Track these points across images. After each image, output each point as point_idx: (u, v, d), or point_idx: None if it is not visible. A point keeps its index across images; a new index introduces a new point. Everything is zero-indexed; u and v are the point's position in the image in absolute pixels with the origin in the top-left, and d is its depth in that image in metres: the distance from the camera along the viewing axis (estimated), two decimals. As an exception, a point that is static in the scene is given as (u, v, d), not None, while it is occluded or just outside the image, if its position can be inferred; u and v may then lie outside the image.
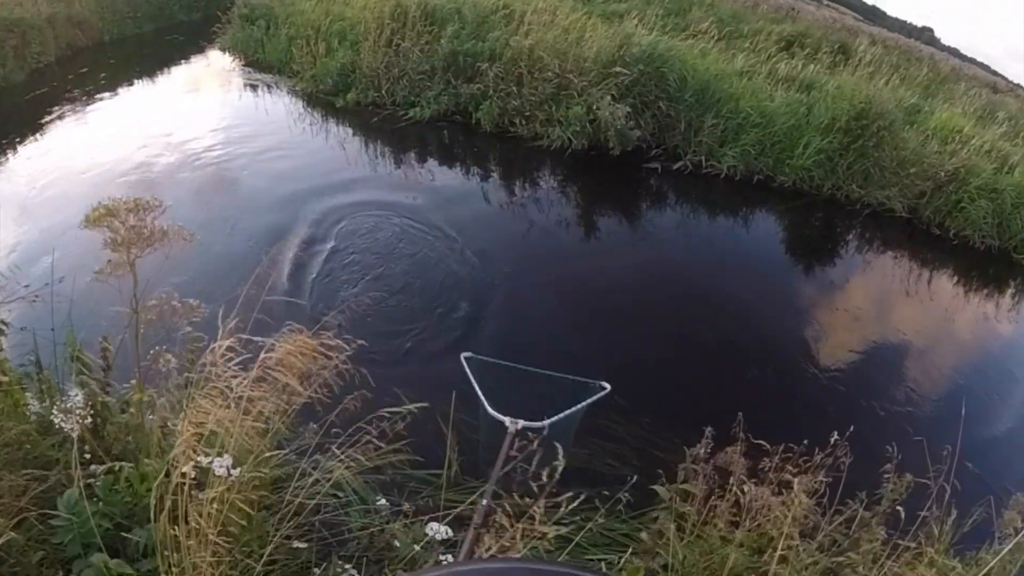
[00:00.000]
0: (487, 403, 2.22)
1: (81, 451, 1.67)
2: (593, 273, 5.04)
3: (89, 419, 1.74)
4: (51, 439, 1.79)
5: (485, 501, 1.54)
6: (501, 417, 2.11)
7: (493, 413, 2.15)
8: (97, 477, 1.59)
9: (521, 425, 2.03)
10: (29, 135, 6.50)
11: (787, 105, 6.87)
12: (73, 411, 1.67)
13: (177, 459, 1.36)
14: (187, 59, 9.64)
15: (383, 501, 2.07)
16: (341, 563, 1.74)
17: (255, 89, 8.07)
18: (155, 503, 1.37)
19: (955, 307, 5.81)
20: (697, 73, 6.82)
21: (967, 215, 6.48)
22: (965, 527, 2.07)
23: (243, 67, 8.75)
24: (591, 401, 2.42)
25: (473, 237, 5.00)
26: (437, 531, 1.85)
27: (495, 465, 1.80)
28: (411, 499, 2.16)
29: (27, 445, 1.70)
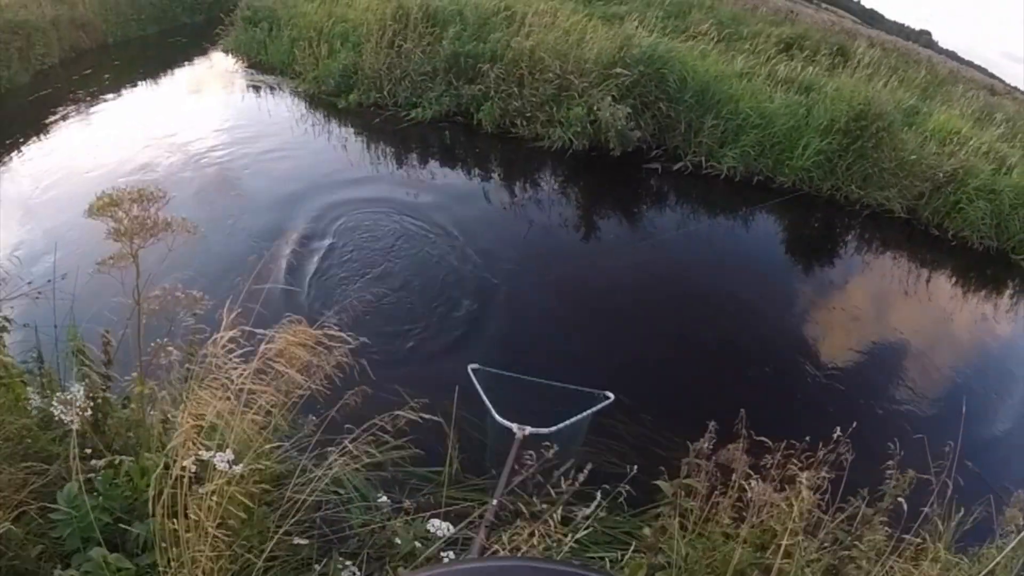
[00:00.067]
0: (494, 412, 2.28)
1: (82, 446, 1.66)
2: (594, 273, 5.06)
3: (89, 412, 1.72)
4: (51, 433, 1.78)
5: (495, 501, 1.59)
6: (509, 424, 2.17)
7: (501, 420, 2.21)
8: (98, 472, 1.58)
9: (528, 432, 2.10)
10: (33, 136, 6.53)
11: (786, 106, 6.91)
12: (73, 403, 1.65)
13: (176, 451, 1.35)
14: (190, 61, 9.68)
15: (384, 498, 2.06)
16: (342, 560, 1.73)
17: (258, 90, 8.11)
18: (153, 495, 1.36)
19: (954, 307, 5.83)
20: (697, 74, 6.86)
21: (965, 216, 6.51)
22: (966, 524, 2.08)
23: (246, 69, 8.79)
24: (595, 410, 2.47)
25: (474, 237, 5.02)
26: (439, 528, 1.87)
27: (504, 468, 1.85)
28: (412, 496, 2.14)
29: (28, 439, 1.69)
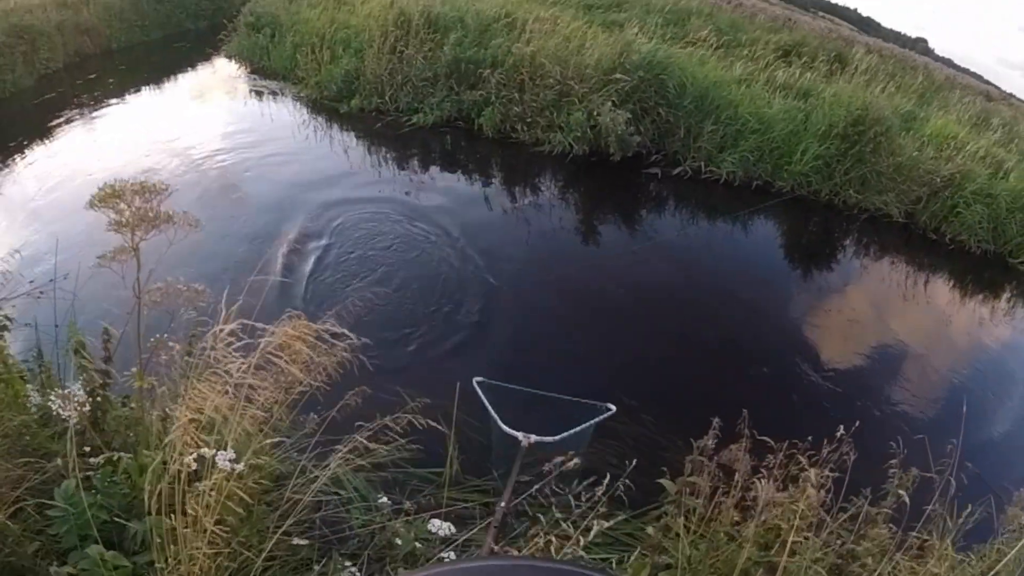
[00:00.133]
0: (500, 421, 2.35)
1: (81, 443, 1.64)
2: (594, 275, 5.09)
3: (88, 407, 1.69)
4: (50, 430, 1.77)
5: (503, 503, 1.63)
6: (514, 432, 2.24)
7: (507, 429, 2.28)
8: (96, 469, 1.57)
9: (534, 440, 2.18)
10: (37, 139, 6.58)
11: (785, 112, 6.97)
12: (71, 398, 1.63)
13: (173, 444, 1.34)
14: (194, 66, 9.75)
15: (384, 499, 2.08)
16: (341, 560, 1.74)
17: (260, 95, 8.17)
18: (149, 488, 1.34)
19: (951, 310, 5.87)
20: (696, 80, 6.92)
21: (963, 220, 6.55)
22: (968, 524, 2.08)
23: (249, 74, 8.86)
24: (597, 421, 2.54)
25: (476, 240, 5.05)
26: (440, 527, 1.90)
27: (510, 473, 1.92)
28: (412, 497, 2.17)
29: (27, 436, 1.69)
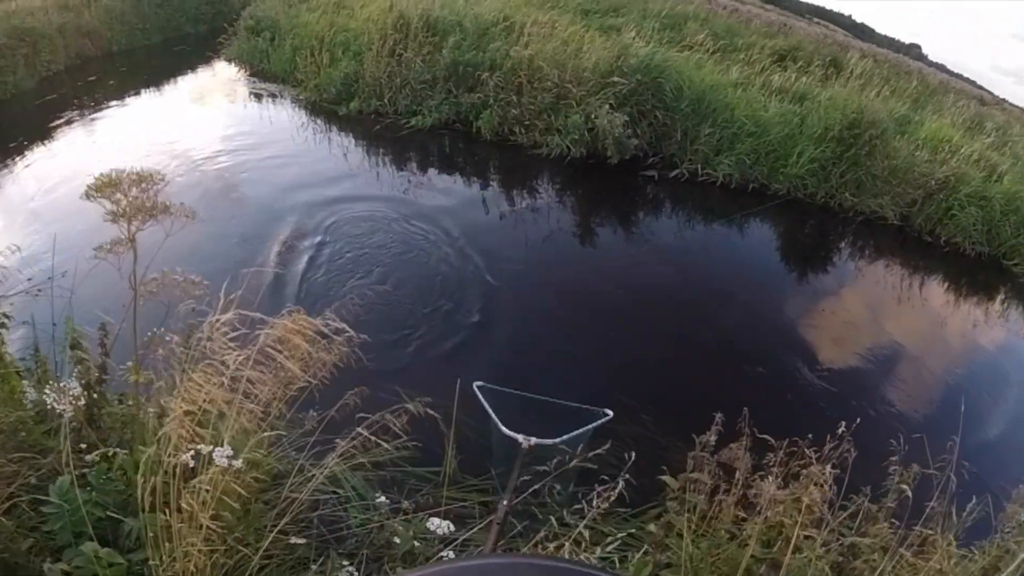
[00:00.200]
0: (500, 424, 2.38)
1: (76, 441, 1.63)
2: (593, 276, 5.12)
3: (83, 401, 1.67)
4: (46, 426, 1.75)
5: (505, 502, 1.67)
6: (515, 435, 2.27)
7: (508, 432, 2.31)
8: (92, 467, 1.55)
9: (534, 442, 2.21)
10: (37, 139, 6.60)
11: (781, 115, 7.03)
12: (66, 391, 1.59)
13: (168, 436, 1.32)
14: (194, 69, 9.79)
15: (382, 498, 2.07)
16: (339, 559, 1.74)
17: (260, 98, 8.21)
18: (142, 483, 1.32)
19: (947, 312, 5.90)
20: (693, 83, 6.98)
21: (957, 222, 6.61)
22: (967, 523, 2.09)
23: (248, 77, 8.90)
24: (595, 426, 2.57)
25: (474, 241, 5.07)
26: (439, 526, 1.90)
27: (511, 474, 1.94)
28: (410, 496, 2.17)
29: (22, 433, 1.67)
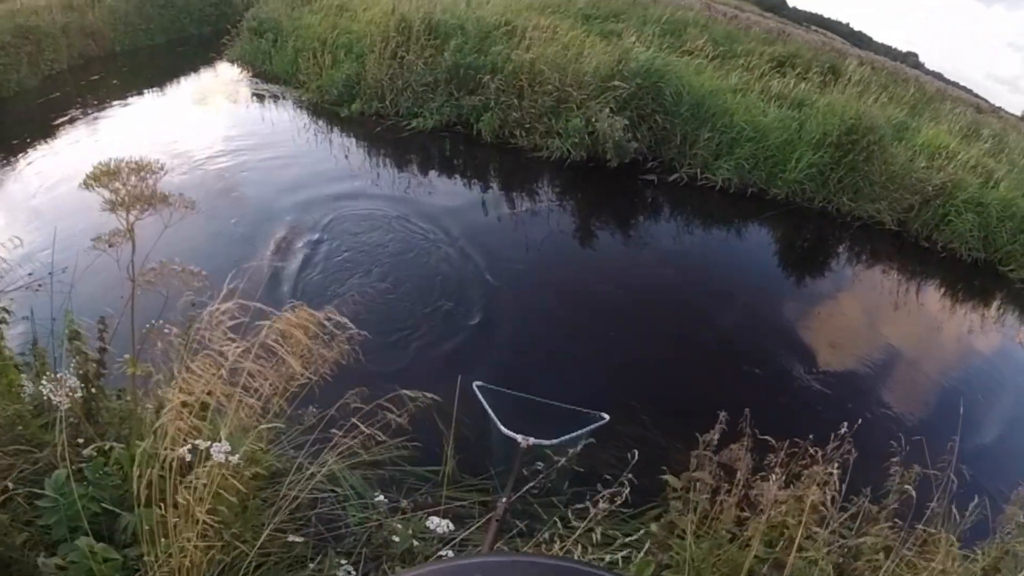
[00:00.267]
0: (500, 424, 2.41)
1: (75, 434, 1.61)
2: (592, 278, 5.14)
3: (80, 393, 1.65)
4: (43, 419, 1.74)
5: (504, 500, 1.68)
6: (514, 435, 2.29)
7: (507, 432, 2.33)
8: (89, 461, 1.54)
9: (532, 442, 2.23)
10: (40, 137, 6.62)
11: (780, 121, 7.08)
12: (63, 383, 1.58)
13: (164, 428, 1.31)
14: (197, 70, 9.84)
15: (381, 497, 2.08)
16: (337, 558, 1.74)
17: (262, 99, 8.25)
18: (137, 475, 1.30)
19: (943, 317, 5.93)
20: (692, 88, 7.03)
21: (954, 228, 6.66)
22: (966, 524, 2.10)
23: (251, 78, 8.95)
24: (592, 428, 2.60)
25: (474, 242, 5.10)
26: (438, 525, 1.91)
27: (511, 473, 1.95)
28: (409, 495, 2.18)
29: (19, 426, 1.66)
